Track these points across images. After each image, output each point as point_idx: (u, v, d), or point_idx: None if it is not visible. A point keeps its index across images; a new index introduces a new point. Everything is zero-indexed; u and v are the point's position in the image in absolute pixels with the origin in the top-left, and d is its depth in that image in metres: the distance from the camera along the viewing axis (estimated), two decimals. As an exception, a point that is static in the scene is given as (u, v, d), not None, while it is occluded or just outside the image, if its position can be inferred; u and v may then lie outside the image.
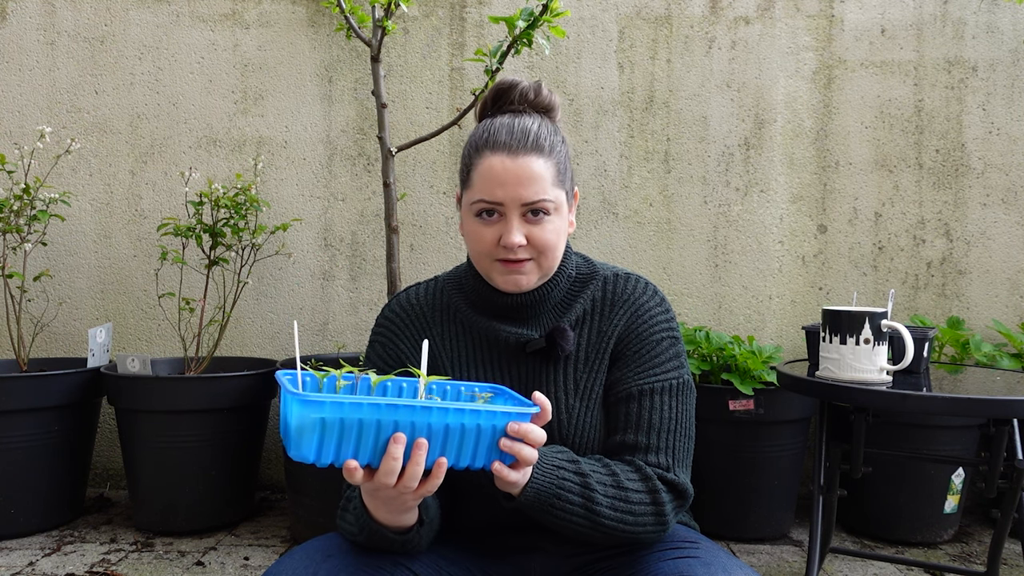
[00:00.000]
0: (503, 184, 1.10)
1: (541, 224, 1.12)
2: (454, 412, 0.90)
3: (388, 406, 0.88)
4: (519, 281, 1.14)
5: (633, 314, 1.19)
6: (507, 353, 1.20)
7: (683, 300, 2.86)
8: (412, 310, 1.25)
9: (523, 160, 1.10)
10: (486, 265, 1.16)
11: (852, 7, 2.82)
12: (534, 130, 1.13)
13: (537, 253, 1.13)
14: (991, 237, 2.82)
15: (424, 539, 1.06)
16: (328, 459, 0.88)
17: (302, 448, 0.86)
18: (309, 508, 2.31)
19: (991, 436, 1.71)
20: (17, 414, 2.34)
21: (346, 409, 0.86)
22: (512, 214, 1.11)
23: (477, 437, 0.92)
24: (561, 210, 1.14)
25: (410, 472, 0.90)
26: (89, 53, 2.88)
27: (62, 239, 2.87)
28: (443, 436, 0.91)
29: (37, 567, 2.17)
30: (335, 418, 0.86)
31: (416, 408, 0.89)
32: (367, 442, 0.89)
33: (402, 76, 2.86)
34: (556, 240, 1.14)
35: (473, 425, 0.91)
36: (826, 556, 2.16)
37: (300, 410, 0.85)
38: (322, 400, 0.86)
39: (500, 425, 0.93)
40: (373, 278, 2.89)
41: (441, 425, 0.90)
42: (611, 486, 1.07)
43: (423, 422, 0.89)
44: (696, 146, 2.85)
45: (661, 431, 1.13)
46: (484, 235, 1.13)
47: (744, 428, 2.37)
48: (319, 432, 0.86)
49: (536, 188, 1.10)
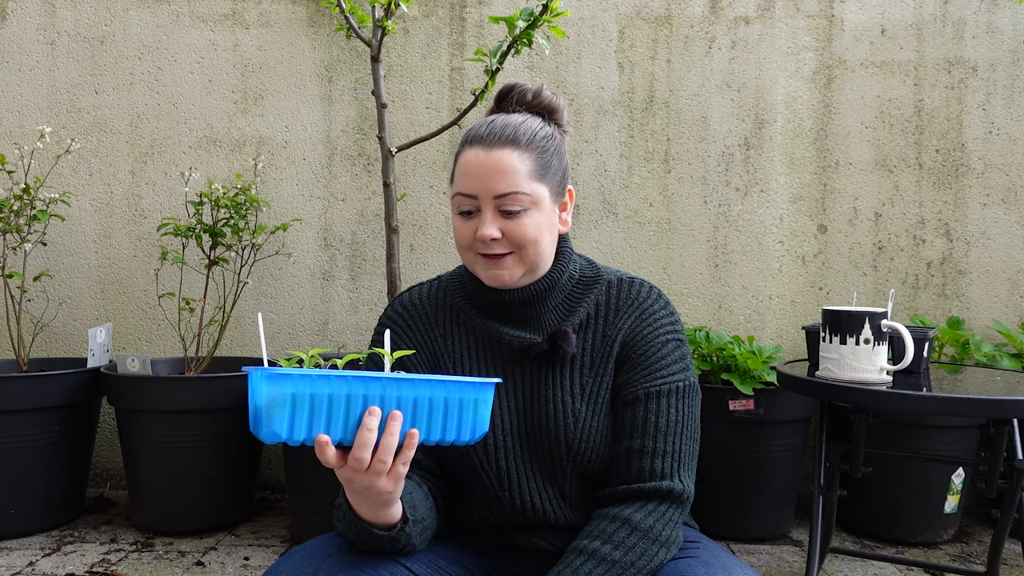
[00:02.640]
0: (476, 176, 1.12)
1: (517, 219, 1.12)
2: (422, 384, 0.93)
3: (356, 378, 0.89)
4: (500, 276, 1.14)
5: (638, 318, 1.19)
6: (510, 356, 1.20)
7: (683, 300, 2.86)
8: (415, 310, 1.25)
9: (496, 153, 1.11)
10: (469, 260, 1.17)
11: (852, 7, 2.83)
12: (513, 124, 1.14)
13: (516, 247, 1.13)
14: (991, 237, 2.82)
15: (415, 538, 1.06)
16: (300, 436, 0.87)
17: (272, 424, 0.85)
18: (309, 508, 2.31)
19: (991, 436, 1.71)
20: (17, 414, 2.34)
21: (315, 382, 0.87)
22: (486, 207, 1.12)
23: (445, 410, 0.94)
24: (541, 204, 1.14)
25: (385, 444, 0.90)
26: (89, 53, 2.88)
27: (62, 239, 2.87)
28: (412, 409, 0.92)
29: (37, 567, 2.17)
30: (304, 392, 0.86)
31: (384, 380, 0.90)
32: (337, 417, 0.89)
33: (402, 76, 2.86)
34: (536, 235, 1.13)
35: (441, 398, 0.94)
36: (826, 556, 2.16)
37: (268, 387, 0.84)
38: (290, 373, 0.85)
39: (467, 398, 0.96)
40: (373, 278, 2.89)
41: (409, 398, 0.92)
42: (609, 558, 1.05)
43: (392, 395, 0.91)
44: (696, 146, 2.85)
45: (668, 434, 1.13)
46: (463, 230, 1.15)
47: (744, 428, 2.37)
48: (290, 408, 0.86)
49: (508, 180, 1.11)
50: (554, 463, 1.16)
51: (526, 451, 1.17)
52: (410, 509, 1.04)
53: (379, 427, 0.90)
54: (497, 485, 1.17)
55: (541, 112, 1.20)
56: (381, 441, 0.90)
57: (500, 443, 1.16)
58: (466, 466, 1.18)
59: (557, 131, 1.20)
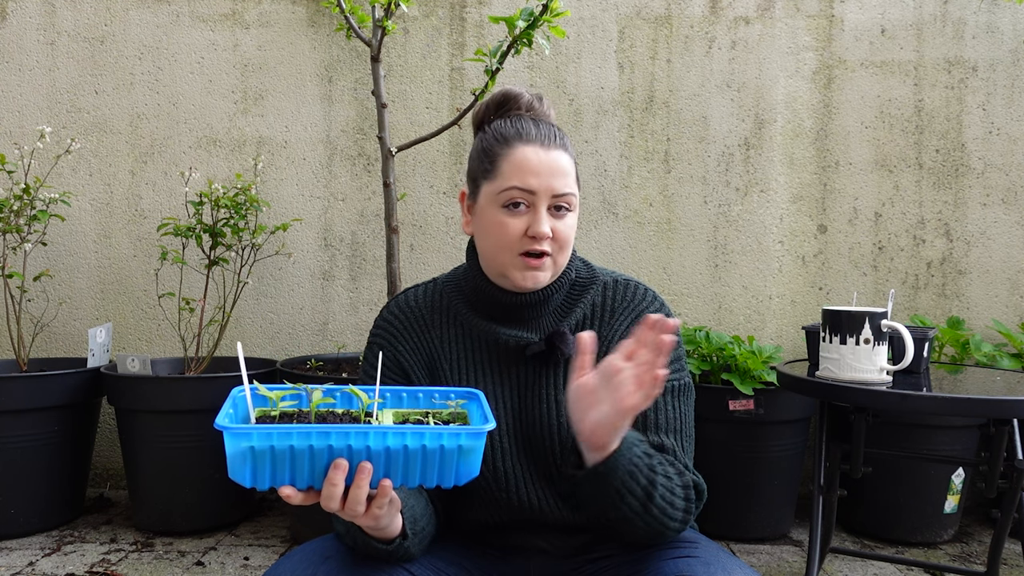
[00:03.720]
0: (537, 173, 1.12)
1: (564, 219, 1.15)
2: (394, 434, 0.85)
3: (319, 432, 0.84)
4: (538, 277, 1.15)
5: (635, 320, 1.19)
6: (507, 357, 1.20)
7: (683, 300, 2.86)
8: (411, 312, 1.25)
9: (555, 153, 1.14)
10: (506, 259, 1.15)
11: (852, 7, 2.82)
12: (556, 130, 1.18)
13: (557, 248, 1.15)
14: (991, 237, 2.82)
15: (413, 549, 1.06)
16: (265, 484, 0.86)
17: (235, 474, 0.85)
18: (309, 508, 2.30)
19: (991, 436, 1.71)
20: (17, 414, 2.34)
21: (275, 437, 0.84)
22: (541, 205, 1.13)
23: (424, 457, 0.87)
24: (577, 209, 1.18)
25: (353, 496, 0.88)
26: (89, 53, 2.88)
27: (62, 239, 2.87)
28: (384, 457, 0.86)
29: (37, 567, 2.17)
30: (265, 446, 0.84)
31: (350, 432, 0.85)
32: (302, 467, 0.86)
33: (402, 76, 2.86)
34: (572, 236, 1.17)
35: (418, 446, 0.86)
36: (826, 556, 2.16)
37: (230, 440, 0.84)
38: (249, 431, 0.84)
39: (449, 445, 0.87)
40: (373, 278, 2.89)
41: (381, 447, 0.85)
42: (664, 475, 1.05)
43: (360, 445, 0.85)
44: (696, 146, 2.85)
45: (668, 431, 1.14)
46: (511, 226, 1.13)
47: (744, 428, 2.37)
48: (251, 460, 0.84)
49: (566, 181, 1.14)
50: (550, 464, 1.16)
51: (523, 452, 1.17)
52: (410, 523, 1.04)
53: (347, 479, 0.87)
54: (495, 486, 1.17)
55: (542, 119, 1.22)
56: (349, 493, 0.88)
57: (497, 445, 1.17)
58: None
59: None
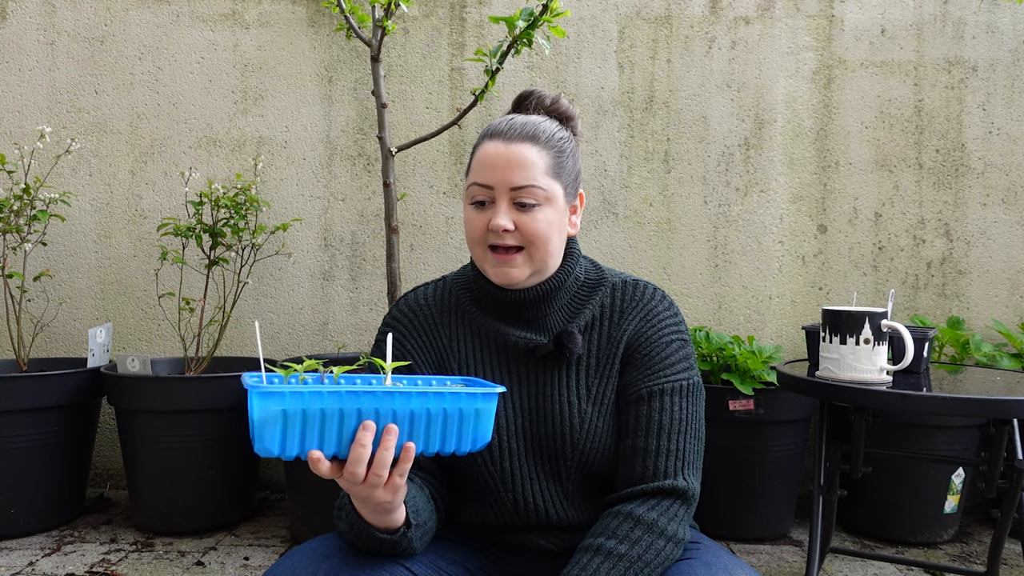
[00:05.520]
0: (494, 167, 1.13)
1: (530, 213, 1.13)
2: (418, 396, 0.90)
3: (349, 393, 0.87)
4: (509, 274, 1.15)
5: (643, 320, 1.19)
6: (516, 357, 1.20)
7: (683, 300, 2.86)
8: (420, 311, 1.25)
9: (516, 146, 1.14)
10: (479, 254, 1.17)
11: (852, 7, 2.82)
12: (533, 122, 1.17)
13: (527, 243, 1.14)
14: (991, 237, 2.82)
15: (416, 541, 1.06)
16: (293, 451, 0.87)
17: (265, 441, 0.85)
18: (309, 508, 2.31)
19: (991, 436, 1.71)
20: (17, 414, 2.34)
21: (306, 399, 0.85)
22: (501, 199, 1.13)
23: (444, 421, 0.91)
24: (555, 202, 1.16)
25: (380, 459, 0.89)
26: (89, 53, 2.88)
27: (62, 239, 2.87)
28: (409, 422, 0.90)
29: (37, 567, 2.17)
30: (296, 409, 0.85)
31: (378, 394, 0.88)
32: (331, 432, 0.87)
33: (402, 76, 2.86)
34: (547, 232, 1.15)
35: (439, 409, 0.90)
36: (826, 556, 2.16)
37: (260, 403, 0.84)
38: (282, 391, 0.84)
39: (468, 409, 0.92)
40: (373, 278, 2.89)
41: (406, 411, 0.89)
42: (629, 557, 1.05)
43: (387, 408, 0.88)
44: (696, 146, 2.85)
45: (672, 433, 1.13)
46: (475, 221, 1.16)
47: (744, 428, 2.37)
48: (281, 424, 0.85)
49: (525, 173, 1.13)
50: (559, 463, 1.16)
51: (531, 452, 1.17)
52: (413, 514, 1.05)
53: (374, 442, 0.89)
54: (501, 487, 1.17)
55: (558, 118, 1.23)
56: (376, 456, 0.89)
57: (505, 445, 1.17)
58: (470, 468, 1.18)
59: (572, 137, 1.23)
